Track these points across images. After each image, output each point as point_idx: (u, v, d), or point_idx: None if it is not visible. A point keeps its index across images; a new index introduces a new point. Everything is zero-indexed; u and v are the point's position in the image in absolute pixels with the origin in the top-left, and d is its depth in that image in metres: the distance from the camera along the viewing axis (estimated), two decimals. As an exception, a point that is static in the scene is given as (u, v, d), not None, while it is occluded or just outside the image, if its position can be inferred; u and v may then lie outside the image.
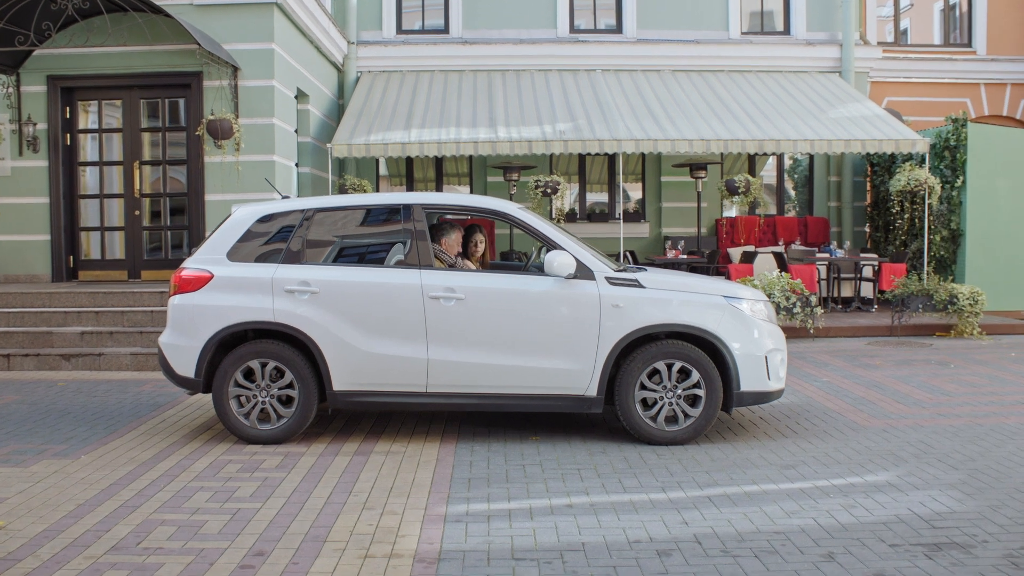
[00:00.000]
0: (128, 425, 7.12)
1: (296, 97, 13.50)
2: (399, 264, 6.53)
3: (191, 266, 6.59)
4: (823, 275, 14.60)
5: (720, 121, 14.40)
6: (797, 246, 16.34)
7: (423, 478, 5.60)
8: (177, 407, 7.79)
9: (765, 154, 17.04)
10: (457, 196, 7.06)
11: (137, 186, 12.33)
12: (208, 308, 6.43)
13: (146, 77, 12.11)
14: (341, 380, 6.38)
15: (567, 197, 16.80)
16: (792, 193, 18.03)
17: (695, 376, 6.37)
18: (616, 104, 15.04)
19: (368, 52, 16.47)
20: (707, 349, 6.48)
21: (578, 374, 6.31)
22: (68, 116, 12.34)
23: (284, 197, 7.03)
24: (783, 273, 12.28)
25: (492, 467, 5.86)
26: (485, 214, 6.79)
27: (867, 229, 17.42)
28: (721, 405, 6.45)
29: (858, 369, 9.70)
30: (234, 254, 6.57)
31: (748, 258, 14.55)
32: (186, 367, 6.48)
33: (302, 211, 6.64)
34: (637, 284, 6.41)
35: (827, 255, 14.74)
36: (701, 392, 6.38)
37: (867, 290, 14.86)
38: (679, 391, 6.40)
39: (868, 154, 16.54)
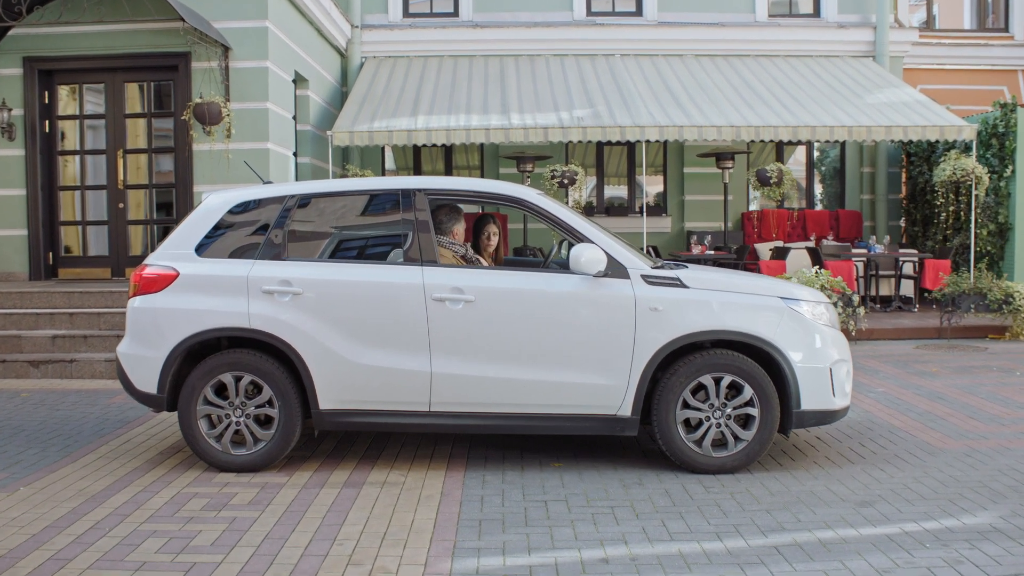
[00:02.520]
0: (87, 447, 6.17)
1: (294, 82, 12.54)
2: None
3: (154, 262, 5.62)
4: (860, 272, 13.55)
5: (749, 107, 13.38)
6: (829, 241, 15.32)
7: (424, 520, 4.62)
8: (147, 424, 6.83)
9: (796, 143, 16.01)
10: (467, 181, 6.00)
11: (121, 177, 11.39)
12: (173, 312, 5.46)
13: (130, 58, 11.16)
14: (328, 397, 5.40)
15: (584, 190, 15.79)
16: (819, 186, 16.94)
17: (747, 392, 5.37)
18: (637, 90, 14.03)
19: (373, 36, 15.49)
20: (761, 360, 5.48)
21: (609, 390, 5.32)
22: (47, 101, 11.40)
23: (267, 183, 6.06)
24: (821, 270, 11.25)
25: (508, 504, 4.87)
26: (500, 201, 5.73)
27: (902, 223, 16.36)
28: (778, 426, 5.45)
29: (913, 377, 8.69)
30: (204, 248, 5.60)
31: (780, 254, 13.52)
32: (147, 381, 5.51)
33: (284, 198, 5.66)
34: (679, 283, 5.41)
35: (863, 250, 13.70)
36: (755, 411, 5.38)
37: (907, 288, 13.82)
38: (728, 410, 5.39)
39: (906, 143, 15.51)
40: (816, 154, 16.86)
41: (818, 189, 16.89)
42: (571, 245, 6.34)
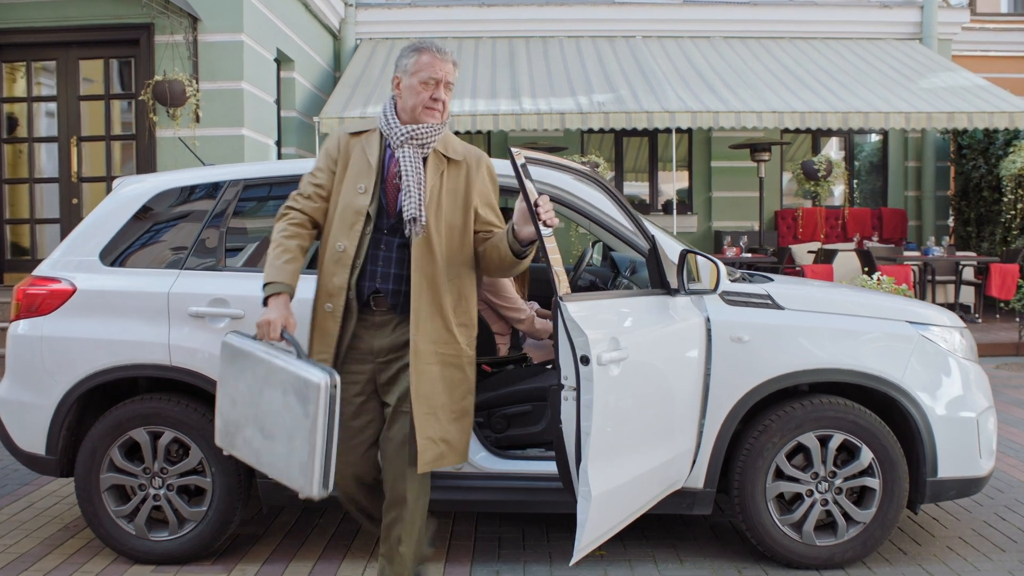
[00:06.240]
0: (-30, 516, 4.68)
1: (277, 61, 11.06)
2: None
3: (44, 273, 4.11)
4: (915, 278, 12.00)
5: (791, 92, 11.87)
6: (873, 242, 13.77)
7: (410, 662, 3.11)
8: (60, 482, 5.31)
9: (844, 131, 14.38)
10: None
11: (75, 168, 9.89)
12: (66, 342, 3.93)
13: (86, 31, 9.67)
14: (281, 462, 3.88)
15: (602, 185, 14.27)
16: (855, 181, 15.37)
17: (866, 457, 3.82)
18: (663, 73, 12.51)
19: (369, 16, 14.01)
20: (879, 409, 3.96)
21: (674, 456, 3.78)
22: (-10, 81, 9.94)
23: (208, 166, 4.55)
24: (881, 276, 9.72)
25: (533, 628, 3.36)
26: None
27: (951, 223, 14.82)
28: (906, 501, 3.93)
29: (1012, 408, 7.18)
30: (113, 254, 4.07)
31: (826, 257, 11.99)
32: (32, 438, 3.98)
33: (222, 185, 4.14)
34: (770, 303, 3.88)
35: (916, 252, 12.17)
36: (875, 482, 3.84)
37: (965, 296, 12.27)
38: (839, 481, 3.86)
39: (958, 134, 13.96)
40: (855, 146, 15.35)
41: (854, 184, 15.34)
42: (609, 248, 4.86)
